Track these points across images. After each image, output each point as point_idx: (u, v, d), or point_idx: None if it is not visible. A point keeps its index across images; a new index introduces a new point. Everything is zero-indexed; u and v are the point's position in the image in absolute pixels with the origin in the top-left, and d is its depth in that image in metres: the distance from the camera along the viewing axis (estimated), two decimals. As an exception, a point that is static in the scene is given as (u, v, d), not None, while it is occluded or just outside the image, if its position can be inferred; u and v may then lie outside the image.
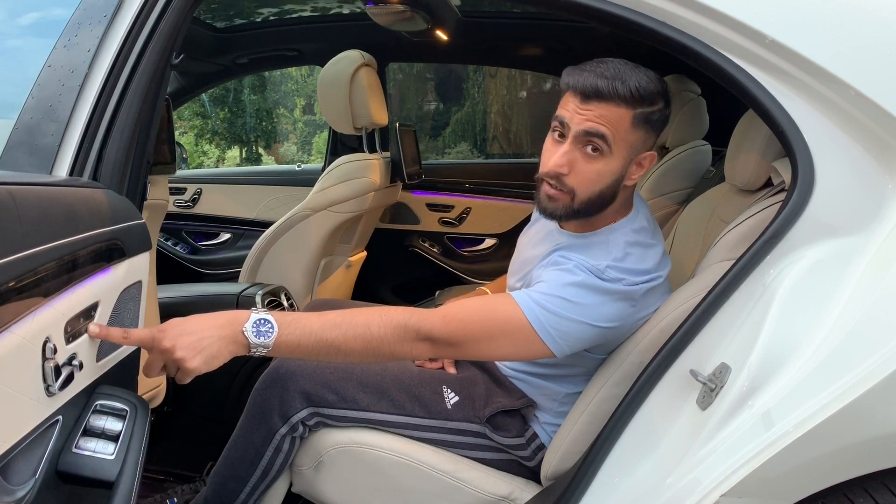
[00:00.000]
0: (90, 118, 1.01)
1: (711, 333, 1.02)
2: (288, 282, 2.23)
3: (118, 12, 1.05)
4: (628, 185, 1.20)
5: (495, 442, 1.33)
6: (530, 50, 2.98)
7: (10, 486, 0.77)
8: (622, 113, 1.12)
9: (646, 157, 1.19)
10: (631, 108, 1.12)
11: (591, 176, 1.15)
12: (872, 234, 0.95)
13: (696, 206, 1.72)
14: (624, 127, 1.13)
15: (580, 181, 1.15)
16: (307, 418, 1.34)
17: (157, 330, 0.98)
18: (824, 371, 0.90)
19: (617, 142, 1.13)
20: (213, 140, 11.18)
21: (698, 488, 0.94)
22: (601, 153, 1.13)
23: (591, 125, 1.12)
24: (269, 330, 1.01)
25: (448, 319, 1.12)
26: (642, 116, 1.13)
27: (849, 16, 0.96)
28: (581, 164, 1.15)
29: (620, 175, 1.17)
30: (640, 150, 1.17)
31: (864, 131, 0.95)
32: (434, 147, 8.20)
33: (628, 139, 1.14)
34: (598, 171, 1.14)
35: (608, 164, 1.14)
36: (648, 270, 1.18)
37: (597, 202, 1.18)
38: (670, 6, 1.02)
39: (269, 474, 1.37)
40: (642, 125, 1.14)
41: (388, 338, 1.09)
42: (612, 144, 1.12)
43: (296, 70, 10.26)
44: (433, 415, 1.35)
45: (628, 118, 1.12)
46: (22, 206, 0.76)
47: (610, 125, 1.12)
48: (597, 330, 1.15)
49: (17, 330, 0.73)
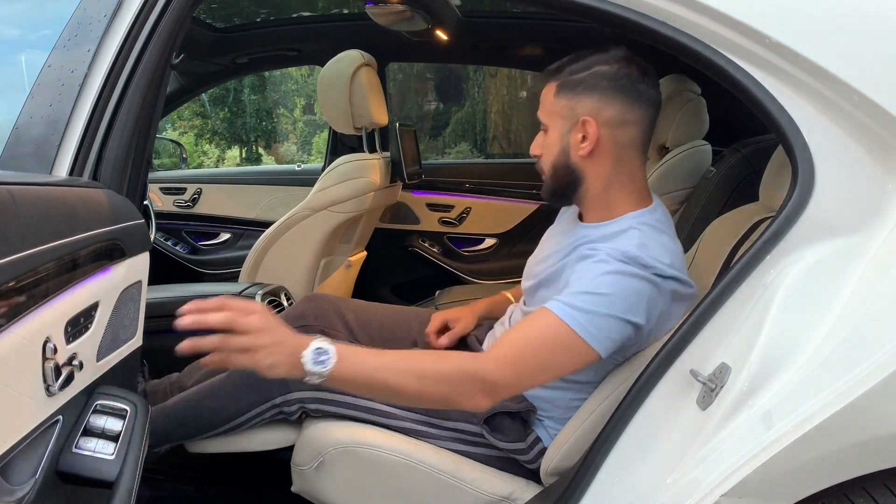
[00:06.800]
0: (90, 118, 1.01)
1: (711, 333, 1.02)
2: (288, 282, 2.23)
3: (118, 12, 1.05)
4: (585, 157, 1.22)
5: (492, 443, 1.33)
6: (530, 50, 2.98)
7: (11, 485, 0.77)
8: (548, 88, 1.26)
9: (584, 123, 1.20)
10: (555, 81, 1.24)
11: (545, 151, 1.28)
12: (872, 234, 0.95)
13: (722, 223, 1.65)
14: (548, 99, 1.25)
15: (544, 158, 1.29)
16: (308, 400, 1.35)
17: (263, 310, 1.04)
18: (824, 371, 0.90)
19: (546, 114, 1.26)
20: (213, 140, 11.18)
21: (698, 488, 0.94)
22: (544, 129, 1.28)
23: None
24: (325, 360, 1.03)
25: (500, 361, 1.10)
26: (564, 84, 1.23)
27: (849, 16, 0.96)
28: (543, 144, 1.29)
29: (562, 144, 1.24)
30: (574, 116, 1.21)
31: (865, 131, 0.95)
32: (434, 147, 8.20)
33: (554, 108, 1.24)
34: (546, 144, 1.28)
35: (549, 136, 1.27)
36: (673, 265, 1.16)
37: (557, 175, 1.27)
38: (670, 6, 1.02)
39: (235, 430, 1.42)
40: (566, 92, 1.22)
41: (444, 387, 1.09)
42: (544, 119, 1.27)
43: (296, 70, 10.27)
44: (431, 413, 1.35)
45: (551, 90, 1.25)
46: (22, 206, 0.76)
47: (541, 103, 1.27)
48: (629, 327, 1.12)
49: (17, 330, 0.73)
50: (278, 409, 1.39)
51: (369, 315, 1.66)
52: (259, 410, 1.39)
